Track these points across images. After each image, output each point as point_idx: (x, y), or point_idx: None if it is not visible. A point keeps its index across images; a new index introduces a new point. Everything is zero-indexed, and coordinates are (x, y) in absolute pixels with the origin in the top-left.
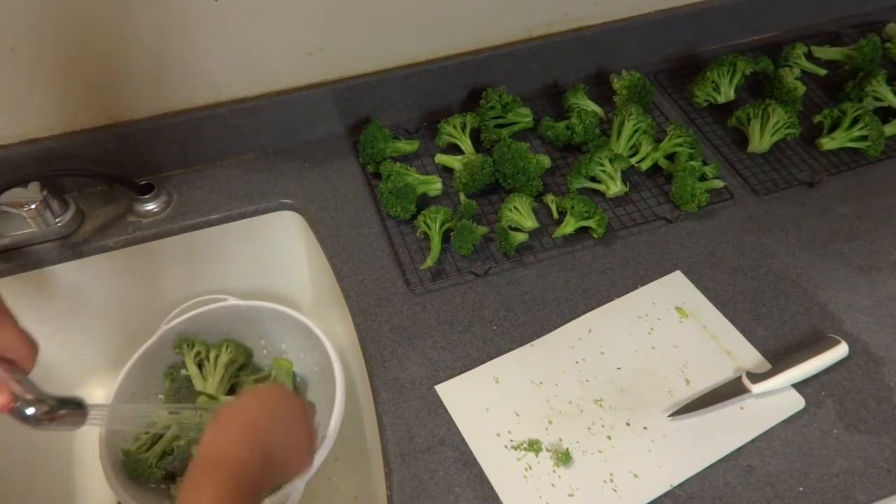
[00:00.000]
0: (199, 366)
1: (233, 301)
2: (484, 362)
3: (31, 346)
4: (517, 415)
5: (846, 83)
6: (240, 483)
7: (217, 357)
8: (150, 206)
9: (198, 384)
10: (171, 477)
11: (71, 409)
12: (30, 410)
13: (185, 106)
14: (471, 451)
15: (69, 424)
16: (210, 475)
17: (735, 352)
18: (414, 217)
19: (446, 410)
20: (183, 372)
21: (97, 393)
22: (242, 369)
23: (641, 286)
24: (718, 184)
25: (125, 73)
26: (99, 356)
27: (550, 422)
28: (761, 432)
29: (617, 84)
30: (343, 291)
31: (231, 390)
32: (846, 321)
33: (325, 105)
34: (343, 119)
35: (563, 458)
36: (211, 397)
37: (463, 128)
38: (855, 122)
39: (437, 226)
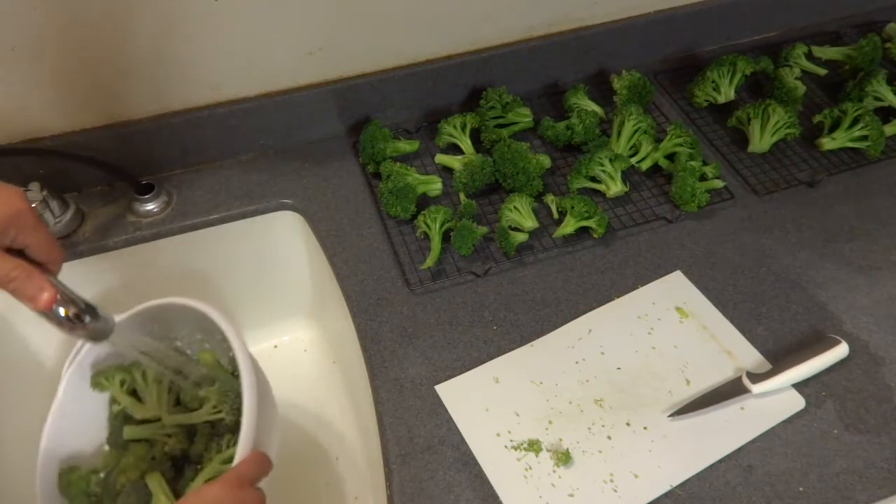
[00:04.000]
0: (132, 393)
1: (119, 316)
2: (484, 362)
3: (61, 251)
4: (517, 415)
5: (846, 83)
6: None
7: (143, 374)
8: (150, 206)
9: (138, 412)
10: None
11: (98, 319)
12: (62, 310)
13: (185, 106)
14: (471, 451)
15: (94, 334)
16: None
17: (735, 352)
18: (414, 217)
19: (446, 410)
20: (114, 408)
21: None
22: (177, 376)
23: (641, 286)
24: (718, 184)
25: (125, 73)
26: None
27: (550, 422)
28: (761, 432)
29: (617, 84)
30: (343, 291)
31: (178, 402)
32: (846, 321)
33: (325, 105)
34: (343, 119)
35: (563, 458)
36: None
37: (463, 128)
38: (855, 122)
39: (437, 226)
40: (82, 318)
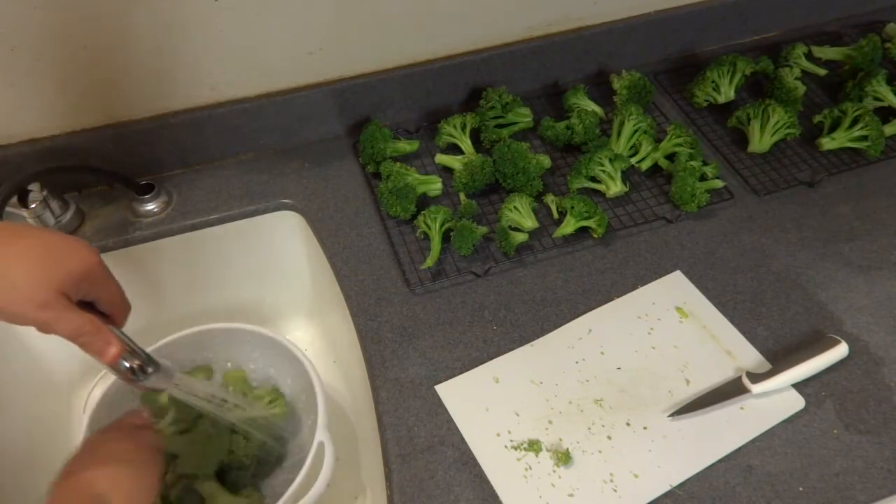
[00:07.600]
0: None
1: (199, 327)
2: (484, 362)
3: (128, 303)
4: (517, 415)
5: (846, 83)
6: None
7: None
8: (150, 206)
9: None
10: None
11: (159, 369)
12: (126, 363)
13: (185, 106)
14: (471, 451)
15: (155, 383)
16: None
17: (735, 352)
18: (414, 217)
19: (446, 410)
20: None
21: (96, 393)
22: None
23: (641, 286)
24: (718, 184)
25: (125, 73)
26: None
27: (550, 422)
28: (761, 432)
29: (617, 84)
30: (343, 291)
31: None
32: (846, 321)
33: (325, 105)
34: (343, 119)
35: (563, 458)
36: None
37: (463, 128)
38: (855, 122)
39: (437, 226)
40: (146, 370)
